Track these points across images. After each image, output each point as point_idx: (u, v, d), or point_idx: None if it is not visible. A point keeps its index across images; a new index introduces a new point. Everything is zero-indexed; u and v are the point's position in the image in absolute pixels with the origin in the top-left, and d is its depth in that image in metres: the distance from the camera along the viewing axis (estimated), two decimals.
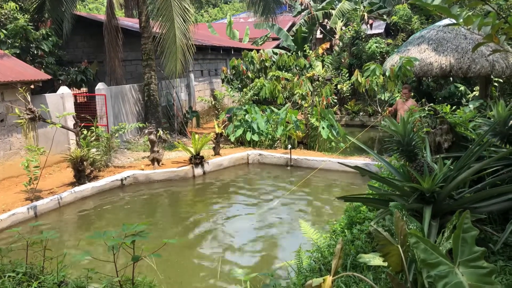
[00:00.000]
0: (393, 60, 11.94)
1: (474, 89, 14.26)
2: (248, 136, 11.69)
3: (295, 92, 12.75)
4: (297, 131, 11.63)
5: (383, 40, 19.06)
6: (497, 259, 2.97)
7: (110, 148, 9.90)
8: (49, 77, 10.39)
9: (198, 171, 9.69)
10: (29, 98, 8.31)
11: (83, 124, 9.42)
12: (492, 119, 3.86)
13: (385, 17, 20.74)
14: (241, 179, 9.60)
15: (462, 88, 14.28)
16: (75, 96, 12.55)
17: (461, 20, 3.05)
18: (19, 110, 8.05)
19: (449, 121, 4.29)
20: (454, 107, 4.80)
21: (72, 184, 8.46)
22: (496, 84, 13.21)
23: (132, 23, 16.16)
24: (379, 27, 22.16)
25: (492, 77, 11.61)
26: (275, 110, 12.67)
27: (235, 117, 12.35)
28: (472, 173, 3.27)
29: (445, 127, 4.22)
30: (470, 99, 13.25)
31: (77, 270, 4.47)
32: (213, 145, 10.75)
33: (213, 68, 17.44)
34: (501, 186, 3.41)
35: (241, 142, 12.04)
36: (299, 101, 12.82)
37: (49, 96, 10.03)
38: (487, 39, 3.09)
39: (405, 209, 3.14)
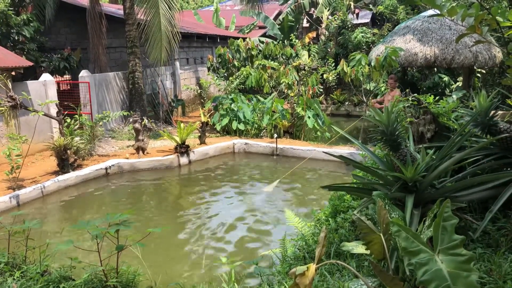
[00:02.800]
0: (378, 50, 12.00)
1: (458, 79, 14.45)
2: (234, 125, 11.66)
3: (281, 81, 12.74)
4: (283, 121, 11.65)
5: (369, 30, 19.11)
6: (476, 246, 3.04)
7: (94, 136, 9.78)
8: (31, 64, 10.16)
9: (184, 160, 9.65)
10: (10, 85, 8.14)
11: (66, 112, 9.27)
12: (474, 110, 3.92)
13: (371, 6, 20.77)
14: (227, 168, 9.60)
15: (446, 78, 14.44)
16: (58, 83, 12.33)
17: (445, 10, 3.07)
18: (0, 97, 7.88)
19: (432, 111, 4.34)
20: (437, 98, 4.86)
21: (56, 173, 8.35)
22: (478, 75, 13.40)
23: (116, 9, 15.88)
24: (365, 16, 22.20)
25: (475, 68, 11.77)
26: (261, 99, 12.65)
27: (221, 106, 12.30)
28: (454, 163, 3.33)
29: (428, 117, 4.27)
30: (453, 90, 13.43)
31: (61, 259, 4.44)
32: (199, 134, 10.70)
33: (199, 56, 17.29)
34: (481, 175, 3.47)
35: (227, 131, 12.01)
36: (285, 90, 12.82)
37: (31, 83, 9.83)
38: (470, 30, 3.12)
39: (388, 198, 3.19)
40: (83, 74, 11.29)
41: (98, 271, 3.53)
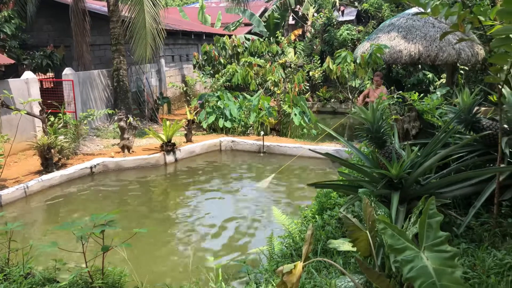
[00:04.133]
0: (364, 47, 12.08)
1: (442, 76, 14.63)
2: (221, 122, 11.62)
3: (268, 79, 12.73)
4: (269, 118, 11.65)
5: (354, 27, 19.22)
6: (460, 241, 3.09)
7: (78, 135, 9.65)
8: (12, 61, 9.96)
9: (170, 158, 9.58)
10: None
11: (49, 111, 9.12)
12: (457, 107, 3.97)
13: (356, 4, 20.88)
14: (213, 166, 9.57)
15: (430, 75, 14.61)
16: (40, 81, 12.12)
17: (429, 9, 3.10)
18: None
19: (417, 109, 4.39)
20: (422, 95, 4.91)
21: (39, 173, 8.22)
22: (462, 72, 13.59)
23: (100, 6, 15.67)
24: (350, 14, 22.33)
25: (458, 65, 11.93)
26: (248, 96, 12.63)
27: (207, 103, 12.24)
28: (438, 160, 3.37)
29: (413, 115, 4.31)
30: (437, 87, 13.59)
31: (45, 261, 4.37)
32: (185, 132, 10.64)
33: (185, 54, 17.18)
34: (465, 172, 3.52)
35: (213, 128, 11.97)
36: (272, 88, 12.83)
37: (12, 82, 9.64)
38: (453, 28, 3.15)
39: (374, 195, 3.21)
40: (67, 72, 11.12)
41: (83, 272, 3.48)
